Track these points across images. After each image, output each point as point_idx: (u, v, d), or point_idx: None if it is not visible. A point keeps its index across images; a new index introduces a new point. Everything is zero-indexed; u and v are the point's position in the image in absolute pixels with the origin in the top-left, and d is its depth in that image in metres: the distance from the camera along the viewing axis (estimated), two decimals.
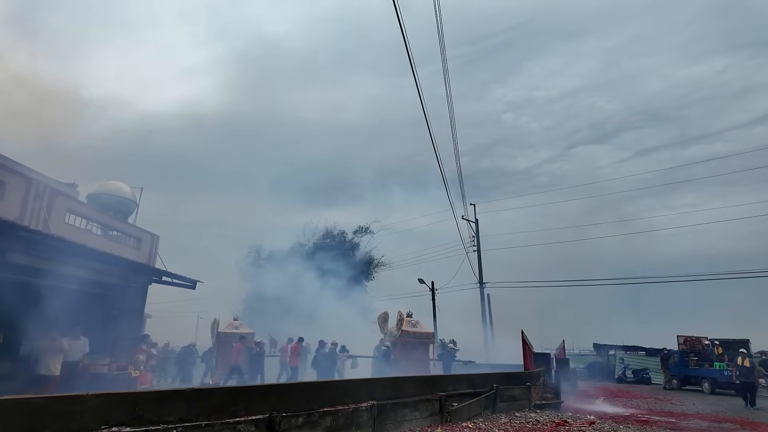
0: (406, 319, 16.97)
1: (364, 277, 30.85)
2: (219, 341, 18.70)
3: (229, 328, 19.56)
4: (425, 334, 16.12)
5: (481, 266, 32.00)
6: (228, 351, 18.22)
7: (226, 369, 17.22)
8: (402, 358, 15.79)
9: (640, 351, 26.40)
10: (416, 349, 16.14)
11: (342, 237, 31.21)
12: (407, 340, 16.07)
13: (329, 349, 16.05)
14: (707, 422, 11.31)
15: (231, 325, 19.89)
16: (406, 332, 16.24)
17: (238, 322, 20.30)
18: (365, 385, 7.04)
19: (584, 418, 10.42)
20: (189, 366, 17.57)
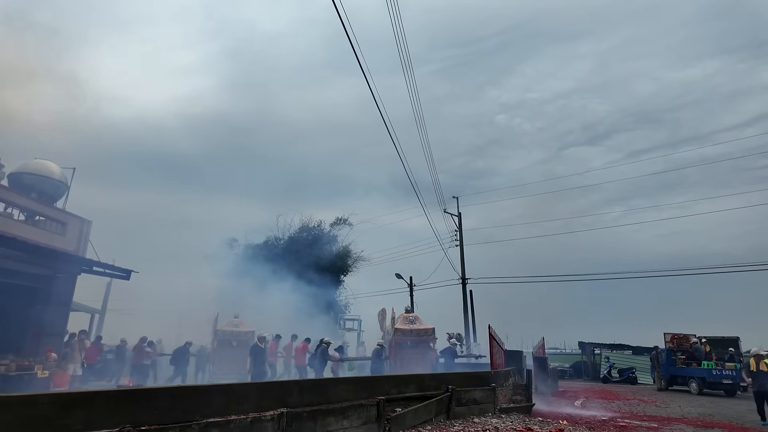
0: (404, 315, 15.77)
1: (341, 272, 29.54)
2: (218, 339, 17.72)
3: (229, 326, 18.59)
4: (425, 330, 14.80)
5: (463, 262, 30.82)
6: (227, 350, 17.36)
7: (226, 369, 16.36)
8: (399, 357, 14.57)
9: (627, 350, 25.36)
10: (415, 347, 14.78)
11: (319, 229, 29.87)
12: (403, 339, 14.73)
13: (321, 349, 14.97)
14: (692, 427, 10.16)
15: (231, 323, 18.85)
16: (401, 330, 14.97)
17: (238, 320, 19.21)
18: (274, 390, 5.77)
19: (554, 424, 9.22)
20: (184, 365, 16.51)
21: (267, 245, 28.87)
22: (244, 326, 18.46)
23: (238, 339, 17.80)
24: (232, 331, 18.17)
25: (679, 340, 19.50)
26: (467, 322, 29.23)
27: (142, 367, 15.79)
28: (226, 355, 17.35)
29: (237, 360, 16.78)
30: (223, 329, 18.01)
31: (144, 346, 16.10)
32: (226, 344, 17.62)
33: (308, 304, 24.55)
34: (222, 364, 17.06)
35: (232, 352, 17.42)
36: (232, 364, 16.75)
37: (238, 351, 17.15)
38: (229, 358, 17.27)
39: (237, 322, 18.70)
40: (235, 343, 17.65)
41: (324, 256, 28.44)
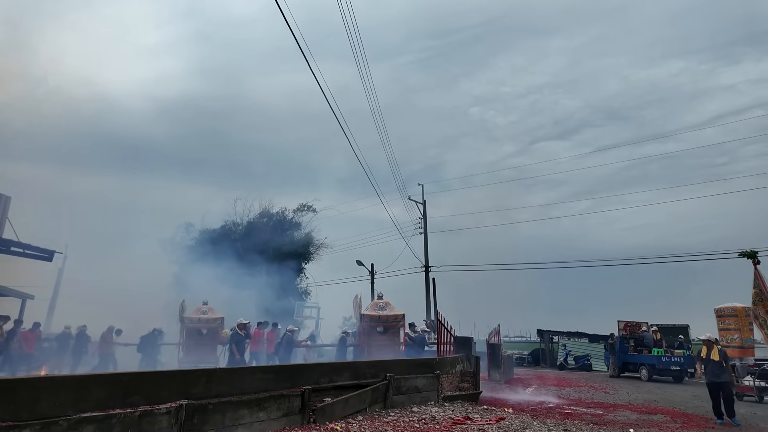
0: (374, 302, 15.27)
1: (303, 259, 28.85)
2: (184, 327, 16.69)
3: (197, 313, 17.45)
4: (393, 317, 14.32)
5: (427, 249, 30.61)
6: (195, 338, 16.50)
7: (193, 357, 15.58)
8: (367, 344, 14.09)
9: (583, 337, 25.76)
10: (384, 334, 14.33)
11: (281, 215, 29.01)
12: (371, 325, 14.20)
13: (285, 337, 14.43)
14: (636, 414, 10.12)
15: (198, 309, 17.70)
16: (368, 316, 14.44)
17: (206, 306, 18.26)
18: (175, 379, 5.17)
19: (497, 412, 8.95)
20: (154, 353, 15.78)
21: (224, 230, 27.84)
22: (213, 313, 17.69)
23: (206, 326, 17.06)
24: (200, 318, 17.40)
25: (631, 328, 19.80)
26: (429, 310, 29.12)
27: (108, 355, 15.27)
28: (195, 343, 16.54)
29: (206, 348, 16.17)
30: (190, 316, 17.09)
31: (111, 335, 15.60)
32: (194, 332, 16.79)
33: (266, 291, 23.85)
34: (190, 352, 16.26)
35: (201, 341, 16.67)
36: (201, 352, 16.05)
37: (207, 339, 16.51)
38: (197, 346, 16.49)
39: (206, 309, 17.88)
40: (205, 331, 16.88)
41: (285, 242, 27.69)
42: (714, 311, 13.84)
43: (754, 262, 8.41)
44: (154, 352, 15.93)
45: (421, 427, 6.72)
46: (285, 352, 14.27)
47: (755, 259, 8.39)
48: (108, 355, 15.39)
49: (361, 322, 14.52)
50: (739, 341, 13.30)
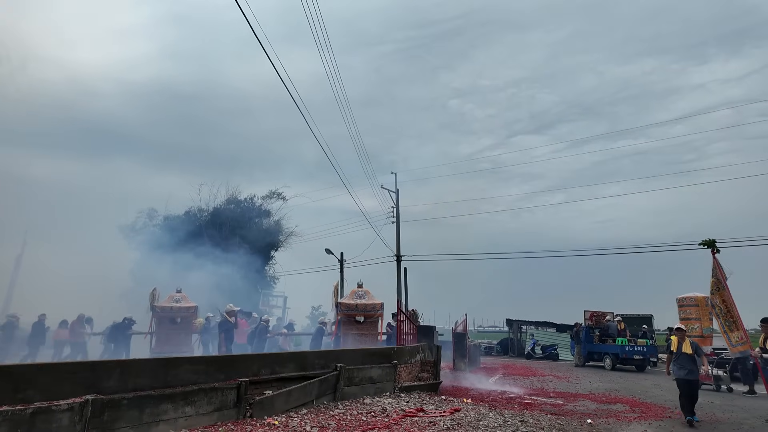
0: (353, 290, 14.74)
1: (272, 247, 28.14)
2: (156, 316, 16.16)
3: (169, 301, 16.82)
4: (372, 306, 13.83)
5: (399, 239, 30.28)
6: (166, 327, 15.96)
7: (166, 348, 15.04)
8: (345, 334, 13.61)
9: (551, 327, 25.93)
10: (362, 324, 13.79)
11: (250, 202, 28.16)
12: (349, 314, 13.64)
13: (260, 326, 13.90)
14: (596, 404, 9.99)
15: (171, 297, 17.05)
16: (345, 305, 13.90)
17: (180, 294, 17.39)
18: (81, 372, 4.61)
19: (454, 403, 8.66)
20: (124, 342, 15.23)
21: (189, 217, 26.86)
22: (187, 301, 16.95)
23: (179, 315, 16.43)
24: (172, 306, 16.65)
25: (597, 318, 19.92)
26: (401, 299, 28.87)
27: (79, 345, 14.68)
28: (167, 332, 16.01)
29: (180, 338, 15.57)
30: (162, 305, 16.49)
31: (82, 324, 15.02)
32: (166, 321, 16.24)
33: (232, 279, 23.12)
34: (162, 342, 15.70)
35: (174, 330, 16.07)
36: (174, 342, 15.45)
37: (181, 328, 15.90)
38: (170, 335, 15.92)
39: (179, 297, 17.14)
40: (179, 320, 16.31)
41: (253, 229, 26.92)
42: (676, 301, 13.93)
43: (713, 251, 8.30)
44: (124, 341, 15.34)
45: (369, 420, 6.33)
46: (259, 341, 13.81)
47: (714, 248, 8.30)
48: (79, 345, 14.75)
49: (338, 311, 14.08)
50: (699, 330, 13.43)
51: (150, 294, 16.85)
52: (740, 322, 8.25)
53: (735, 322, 8.31)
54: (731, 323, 8.31)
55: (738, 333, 8.30)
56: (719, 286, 8.34)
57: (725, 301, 8.34)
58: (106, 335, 15.47)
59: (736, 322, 8.29)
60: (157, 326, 16.33)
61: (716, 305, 8.44)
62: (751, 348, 8.29)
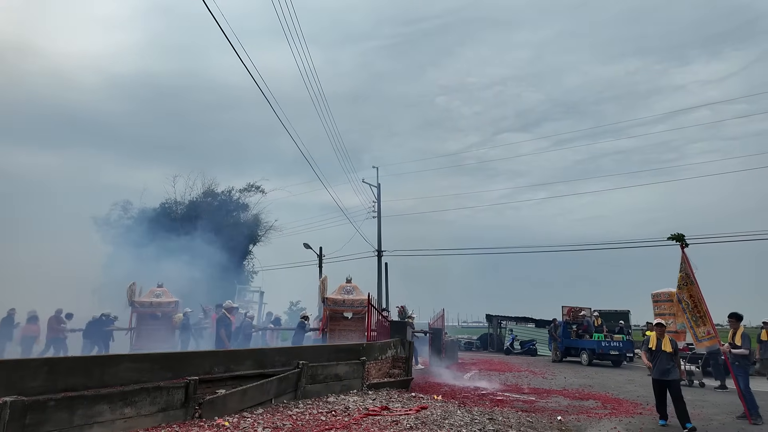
0: (341, 285, 14.34)
1: (250, 242, 27.60)
2: (136, 312, 15.74)
3: (150, 296, 16.38)
4: (360, 301, 13.45)
5: (380, 233, 30.01)
6: (147, 323, 15.52)
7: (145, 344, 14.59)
8: (331, 330, 13.25)
9: (530, 322, 25.98)
10: (349, 320, 13.38)
11: (227, 195, 27.55)
12: (335, 309, 13.22)
13: (244, 322, 13.91)
14: (569, 400, 9.87)
15: (152, 292, 16.60)
16: (332, 300, 13.50)
17: (161, 289, 16.87)
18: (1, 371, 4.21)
19: (424, 400, 8.42)
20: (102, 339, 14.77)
21: (164, 209, 26.16)
22: (168, 296, 16.42)
23: (160, 311, 15.95)
24: (152, 302, 16.11)
25: (575, 313, 19.94)
26: (381, 294, 28.62)
27: (58, 341, 14.18)
28: (148, 328, 15.53)
29: (161, 334, 15.03)
30: (141, 300, 16.06)
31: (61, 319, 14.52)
32: (146, 317, 15.80)
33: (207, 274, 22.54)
34: (143, 339, 15.20)
35: (156, 326, 15.58)
36: (156, 338, 14.90)
37: (162, 324, 15.41)
38: (151, 332, 15.42)
39: (159, 292, 16.61)
40: (160, 314, 15.86)
41: (231, 223, 26.35)
42: (651, 296, 13.93)
43: (682, 245, 8.17)
44: (102, 338, 14.86)
45: (328, 420, 6.04)
46: (245, 338, 13.43)
47: (683, 242, 8.16)
48: (58, 341, 14.24)
49: (325, 306, 13.73)
50: (674, 326, 13.42)
51: (128, 289, 16.32)
52: (709, 317, 8.07)
53: (702, 317, 8.11)
54: (698, 318, 8.15)
55: (705, 328, 8.08)
56: (687, 280, 8.21)
57: (693, 295, 8.19)
58: (83, 332, 14.93)
59: (703, 316, 8.10)
60: (138, 322, 15.91)
61: (683, 300, 8.31)
62: (720, 342, 8.07)
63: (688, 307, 8.16)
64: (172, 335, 14.93)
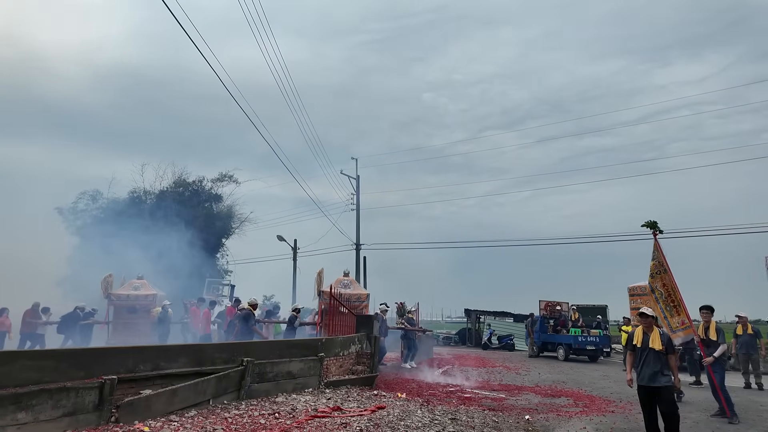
0: (338, 279, 13.64)
1: (223, 234, 26.75)
2: (112, 305, 15.07)
3: (127, 288, 15.59)
4: (357, 296, 12.71)
5: (359, 226, 29.38)
6: (124, 317, 14.88)
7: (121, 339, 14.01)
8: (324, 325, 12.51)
9: (509, 317, 25.69)
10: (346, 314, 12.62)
11: (199, 185, 26.60)
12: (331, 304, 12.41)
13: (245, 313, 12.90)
14: (540, 397, 9.43)
15: (130, 285, 15.80)
16: (329, 294, 12.78)
17: (140, 281, 16.05)
18: None
19: (385, 398, 7.87)
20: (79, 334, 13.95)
21: (132, 199, 25.14)
22: (147, 289, 15.63)
23: (137, 304, 15.24)
24: (129, 294, 15.35)
25: (551, 308, 19.65)
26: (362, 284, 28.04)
27: (35, 336, 13.52)
28: (125, 322, 14.88)
29: (139, 328, 14.28)
30: (118, 293, 15.28)
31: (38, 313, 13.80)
32: (124, 310, 15.12)
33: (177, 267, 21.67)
34: (120, 333, 14.54)
35: (134, 320, 14.86)
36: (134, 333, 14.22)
37: (141, 318, 14.65)
38: (128, 325, 14.75)
39: (138, 284, 15.80)
40: (138, 308, 15.19)
41: (203, 215, 25.46)
42: (627, 290, 13.59)
43: (654, 232, 7.73)
44: (79, 332, 14.05)
45: (267, 423, 5.43)
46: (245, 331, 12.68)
47: (656, 230, 7.73)
48: (34, 337, 13.51)
49: (321, 300, 13.01)
50: None
51: (103, 280, 15.43)
52: (683, 306, 7.61)
53: (677, 306, 7.66)
54: (672, 308, 7.71)
55: (680, 317, 7.61)
56: (660, 268, 7.78)
57: (666, 284, 7.76)
58: (57, 326, 14.11)
59: (677, 306, 7.65)
60: (114, 316, 15.19)
61: (656, 289, 7.88)
62: (696, 333, 7.63)
63: (661, 297, 7.74)
64: (150, 330, 14.16)
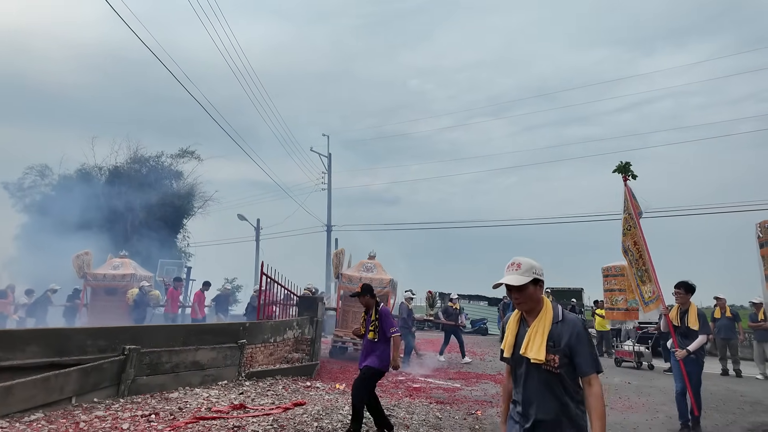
0: (362, 261, 12.31)
1: (183, 214, 25.22)
2: (88, 286, 13.80)
3: (106, 267, 14.12)
4: (377, 280, 11.36)
5: (330, 207, 28.14)
6: (102, 298, 13.69)
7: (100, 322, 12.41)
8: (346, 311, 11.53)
9: (483, 300, 24.88)
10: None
11: (157, 161, 24.92)
12: (350, 288, 11.06)
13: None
14: (498, 387, 8.44)
15: (110, 263, 14.31)
16: (349, 278, 11.53)
17: (121, 260, 14.50)
18: None
19: (317, 391, 6.75)
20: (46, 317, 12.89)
21: (83, 175, 23.40)
22: (127, 268, 14.13)
23: (114, 284, 13.79)
24: (106, 274, 13.88)
25: None
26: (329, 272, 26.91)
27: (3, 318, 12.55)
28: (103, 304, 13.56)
29: (118, 312, 12.92)
30: (95, 272, 13.85)
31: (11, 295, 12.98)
32: (101, 291, 13.82)
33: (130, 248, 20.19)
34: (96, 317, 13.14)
35: (112, 302, 13.49)
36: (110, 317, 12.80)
37: (120, 300, 13.25)
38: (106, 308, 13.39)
39: (119, 263, 14.31)
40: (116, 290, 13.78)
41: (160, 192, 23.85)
42: (601, 270, 12.69)
43: (625, 177, 6.43)
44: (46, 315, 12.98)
45: (132, 428, 4.25)
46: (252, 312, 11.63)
47: (627, 174, 6.40)
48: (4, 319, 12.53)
49: (339, 284, 11.92)
50: (624, 303, 12.21)
51: (75, 258, 13.93)
52: (653, 271, 6.22)
53: (647, 272, 6.25)
54: (643, 272, 6.28)
55: (651, 285, 6.21)
56: (631, 223, 6.36)
57: (637, 243, 6.33)
58: (27, 309, 12.97)
59: (648, 270, 6.24)
60: (91, 298, 13.89)
61: (628, 250, 6.50)
62: (664, 305, 6.00)
63: (633, 259, 6.33)
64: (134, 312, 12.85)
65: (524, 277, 2.16)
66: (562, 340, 2.13)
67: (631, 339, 11.56)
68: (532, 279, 2.18)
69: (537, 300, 2.23)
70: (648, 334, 12.25)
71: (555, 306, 2.27)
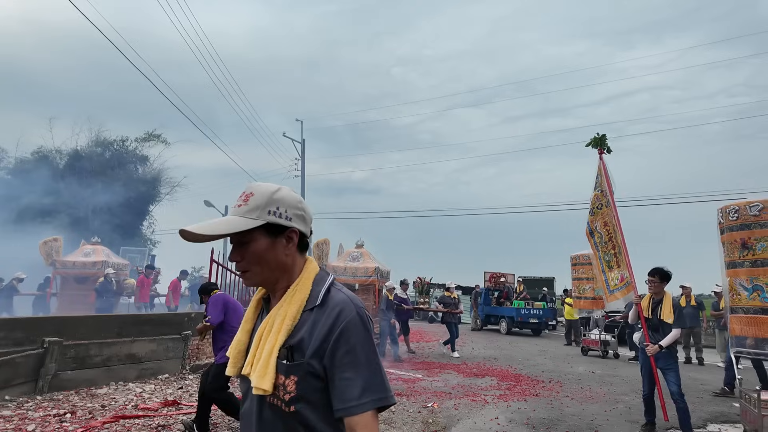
0: (348, 251, 11.68)
1: (149, 201, 24.30)
2: (57, 274, 13.04)
3: (77, 254, 13.22)
4: (362, 269, 10.94)
5: (303, 195, 27.52)
6: (71, 287, 12.86)
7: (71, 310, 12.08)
8: None
9: (457, 290, 24.76)
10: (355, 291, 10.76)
11: (122, 144, 23.87)
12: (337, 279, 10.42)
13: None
14: (461, 377, 8.18)
15: (81, 250, 13.39)
16: (334, 268, 11.01)
17: (92, 246, 13.54)
18: None
19: None
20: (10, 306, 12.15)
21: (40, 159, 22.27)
22: (99, 255, 13.22)
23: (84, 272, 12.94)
24: (76, 261, 13.02)
25: (496, 279, 18.71)
26: None
27: None
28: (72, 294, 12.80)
29: (88, 301, 12.11)
30: (65, 260, 13.02)
31: None
32: (71, 280, 13.03)
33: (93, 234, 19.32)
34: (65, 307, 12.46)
35: (82, 291, 12.61)
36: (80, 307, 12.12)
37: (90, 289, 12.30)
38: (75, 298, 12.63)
39: (90, 250, 13.41)
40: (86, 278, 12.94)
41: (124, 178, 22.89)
42: (570, 259, 12.61)
43: (600, 150, 5.90)
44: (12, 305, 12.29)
45: (39, 430, 3.81)
46: None
47: (602, 147, 5.86)
48: None
49: None
50: (591, 291, 12.15)
51: (42, 245, 13.03)
52: (626, 255, 5.52)
53: (617, 255, 5.57)
54: (611, 257, 5.63)
55: (620, 271, 5.55)
56: (603, 200, 5.66)
57: (607, 223, 5.66)
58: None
59: (618, 254, 5.56)
60: (61, 287, 13.08)
61: (595, 231, 5.80)
62: (636, 293, 5.36)
63: (601, 241, 5.74)
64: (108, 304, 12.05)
65: (247, 219, 1.06)
66: (310, 344, 1.01)
67: (598, 328, 11.50)
68: (265, 223, 1.06)
69: (280, 266, 1.09)
70: (615, 323, 12.23)
71: (320, 278, 1.13)
